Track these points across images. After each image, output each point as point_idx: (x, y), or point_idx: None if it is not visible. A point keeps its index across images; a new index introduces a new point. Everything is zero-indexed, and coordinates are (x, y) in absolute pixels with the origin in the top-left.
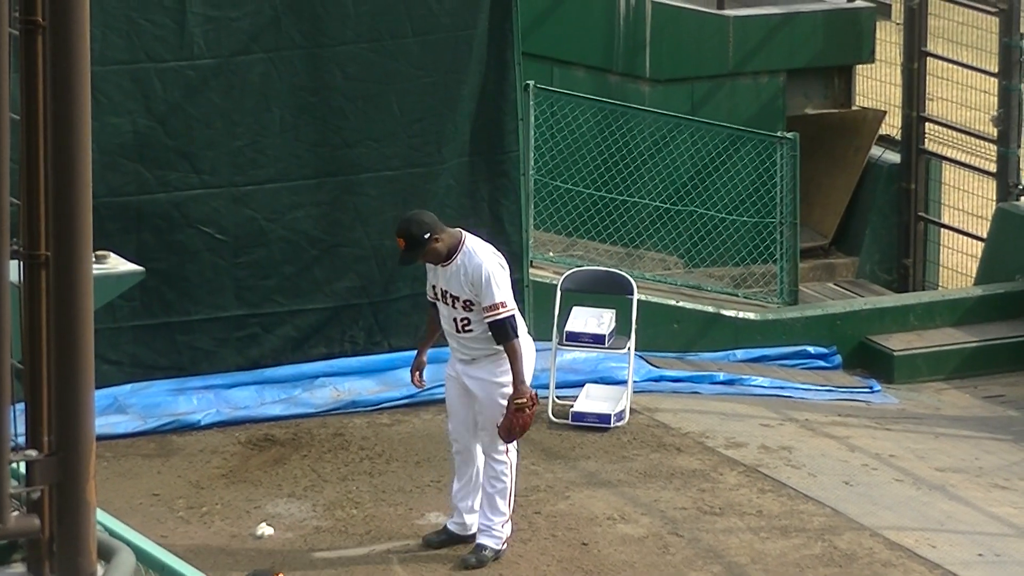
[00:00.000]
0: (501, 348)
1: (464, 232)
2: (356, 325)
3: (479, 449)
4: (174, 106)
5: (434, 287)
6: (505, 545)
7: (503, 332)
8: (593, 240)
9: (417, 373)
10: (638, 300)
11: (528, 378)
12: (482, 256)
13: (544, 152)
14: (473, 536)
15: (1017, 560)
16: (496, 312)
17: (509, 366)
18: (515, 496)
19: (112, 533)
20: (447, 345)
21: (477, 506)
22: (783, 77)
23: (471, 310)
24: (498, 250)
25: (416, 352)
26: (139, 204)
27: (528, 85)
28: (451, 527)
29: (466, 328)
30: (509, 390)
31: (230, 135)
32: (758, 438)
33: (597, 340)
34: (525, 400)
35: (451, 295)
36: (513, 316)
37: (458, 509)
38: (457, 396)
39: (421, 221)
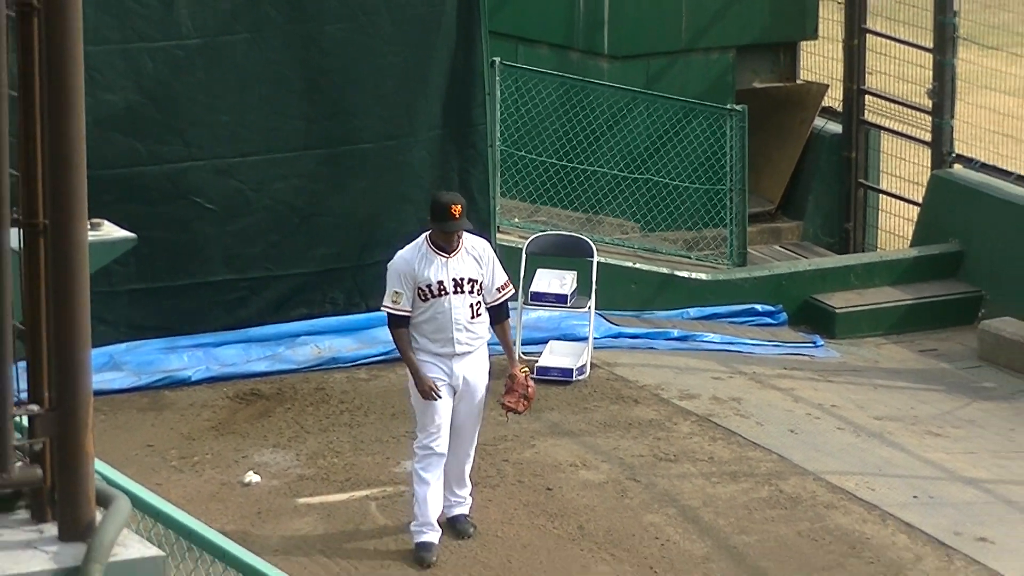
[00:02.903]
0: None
1: None
2: (336, 288)
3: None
4: (163, 83)
5: (440, 283)
6: None
7: (506, 311)
8: (556, 207)
9: (433, 388)
10: (598, 262)
11: None
12: (482, 242)
13: (510, 125)
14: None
15: (948, 502)
16: (509, 288)
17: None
18: (485, 445)
19: (109, 482)
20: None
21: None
22: (732, 53)
23: (480, 293)
24: (468, 216)
25: (418, 374)
26: (132, 176)
27: (494, 62)
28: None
29: (478, 312)
30: None
31: (215, 110)
32: (709, 390)
33: (560, 300)
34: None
35: (468, 279)
36: None
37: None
38: (448, 405)
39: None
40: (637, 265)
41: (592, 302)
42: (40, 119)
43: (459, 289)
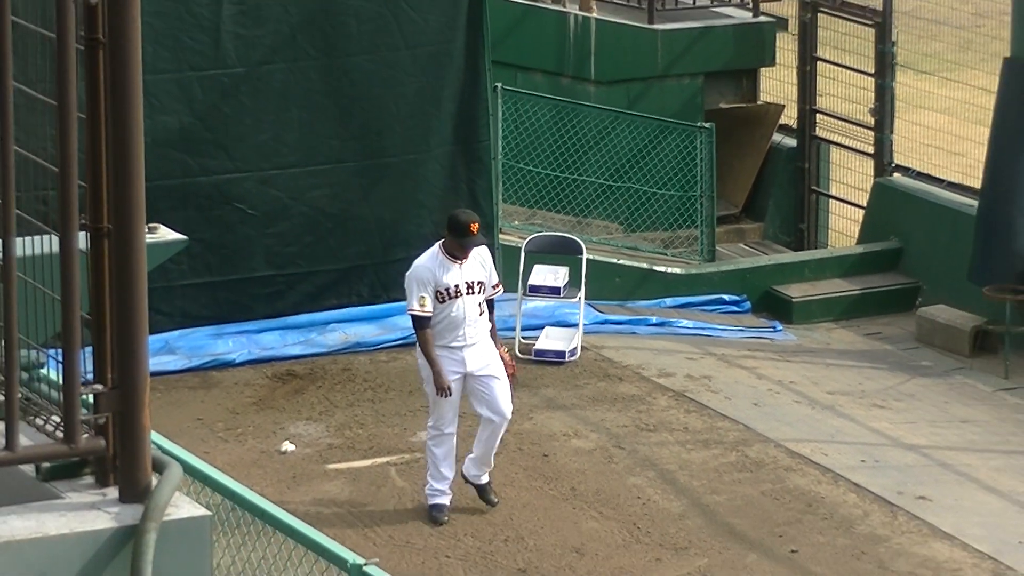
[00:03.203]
0: None
1: None
2: (361, 282)
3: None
4: (212, 106)
5: (456, 286)
6: None
7: (494, 301)
8: (550, 211)
9: (447, 388)
10: (587, 259)
11: None
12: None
13: (510, 141)
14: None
15: (892, 465)
16: (499, 288)
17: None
18: None
19: (164, 451)
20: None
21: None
22: (702, 79)
23: (483, 292)
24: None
25: (440, 372)
26: (185, 186)
27: (497, 87)
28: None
29: (482, 309)
30: None
31: (257, 130)
32: (684, 369)
33: (554, 291)
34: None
35: (477, 282)
36: None
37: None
38: (458, 394)
39: None
40: (621, 261)
41: (582, 293)
42: (105, 138)
43: (470, 291)
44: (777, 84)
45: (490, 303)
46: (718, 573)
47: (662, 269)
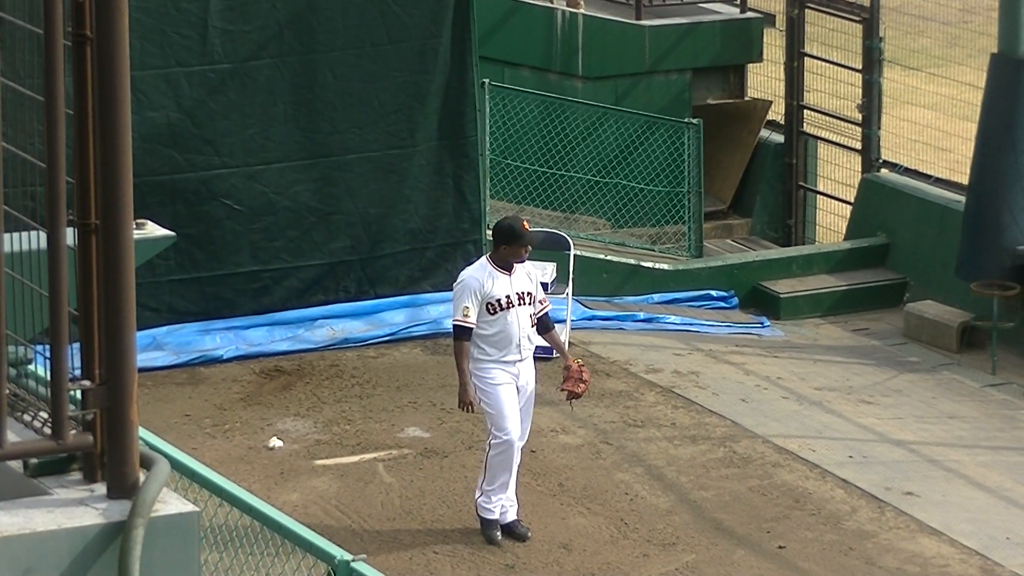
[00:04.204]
0: None
1: None
2: (348, 277)
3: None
4: (199, 102)
5: (508, 296)
6: None
7: (550, 321)
8: (538, 207)
9: (471, 404)
10: (574, 255)
11: None
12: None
13: (497, 136)
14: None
15: (879, 460)
16: (547, 303)
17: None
18: (478, 414)
19: (151, 447)
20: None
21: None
22: (689, 74)
23: (533, 305)
24: (461, 217)
25: (466, 386)
26: (172, 182)
27: (484, 83)
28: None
29: (533, 322)
30: None
31: (244, 125)
32: (672, 364)
33: (542, 287)
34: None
35: (527, 293)
36: None
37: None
38: (516, 399)
39: None
40: (608, 257)
41: (570, 289)
42: (92, 133)
43: (522, 301)
44: (765, 80)
45: (545, 318)
46: (706, 569)
47: (650, 265)
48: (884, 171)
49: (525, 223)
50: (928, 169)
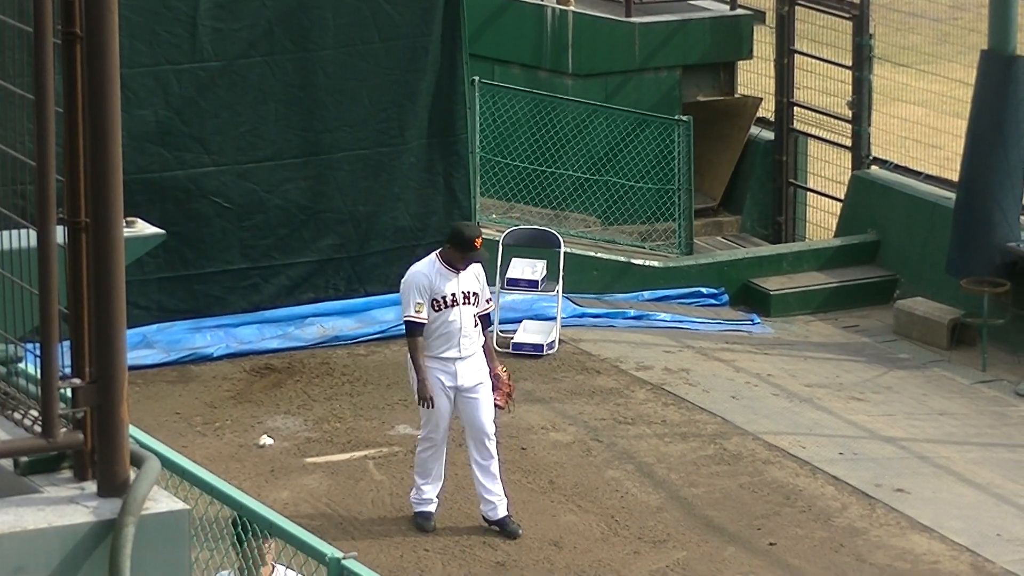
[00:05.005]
0: None
1: None
2: (338, 275)
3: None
4: (188, 100)
5: (453, 295)
6: None
7: (490, 318)
8: (528, 204)
9: (429, 400)
10: (564, 252)
11: None
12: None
13: (487, 134)
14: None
15: (870, 457)
16: (491, 304)
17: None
18: None
19: (142, 444)
20: None
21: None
22: (679, 71)
23: (477, 304)
24: (451, 214)
25: (424, 381)
26: (162, 180)
27: (474, 80)
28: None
29: (476, 322)
30: None
31: (234, 123)
32: (662, 362)
33: (532, 284)
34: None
35: (473, 293)
36: None
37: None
38: (449, 405)
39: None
40: (598, 254)
41: (560, 286)
42: (82, 132)
43: (467, 300)
44: (755, 77)
45: (486, 317)
46: (696, 566)
47: (640, 262)
48: (874, 168)
49: (479, 240)
50: (918, 166)
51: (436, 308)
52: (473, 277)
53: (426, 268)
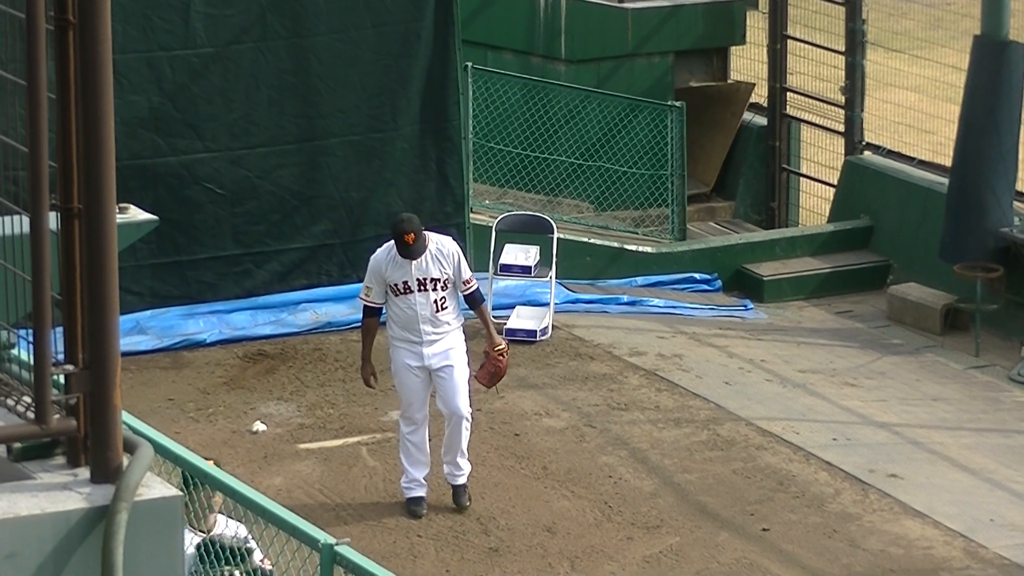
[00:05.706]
0: (461, 320)
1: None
2: (330, 261)
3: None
4: (181, 86)
5: (405, 282)
6: None
7: (478, 298)
8: (521, 190)
9: (372, 377)
10: (558, 238)
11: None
12: (449, 242)
13: (480, 120)
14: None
15: (863, 443)
16: (471, 284)
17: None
18: None
19: (135, 431)
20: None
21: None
22: (672, 57)
23: (446, 288)
24: (444, 200)
25: (365, 362)
26: (154, 166)
27: (467, 66)
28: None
29: (443, 306)
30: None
31: (227, 109)
32: (655, 347)
33: (525, 270)
34: (504, 346)
35: (431, 279)
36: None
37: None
38: (420, 384)
39: (418, 220)
40: (591, 240)
41: (553, 272)
42: (75, 118)
43: (423, 288)
44: (747, 63)
45: (472, 297)
46: (690, 551)
47: (633, 248)
48: (867, 153)
49: (410, 236)
50: (911, 151)
51: (393, 293)
52: (432, 263)
53: (382, 254)
